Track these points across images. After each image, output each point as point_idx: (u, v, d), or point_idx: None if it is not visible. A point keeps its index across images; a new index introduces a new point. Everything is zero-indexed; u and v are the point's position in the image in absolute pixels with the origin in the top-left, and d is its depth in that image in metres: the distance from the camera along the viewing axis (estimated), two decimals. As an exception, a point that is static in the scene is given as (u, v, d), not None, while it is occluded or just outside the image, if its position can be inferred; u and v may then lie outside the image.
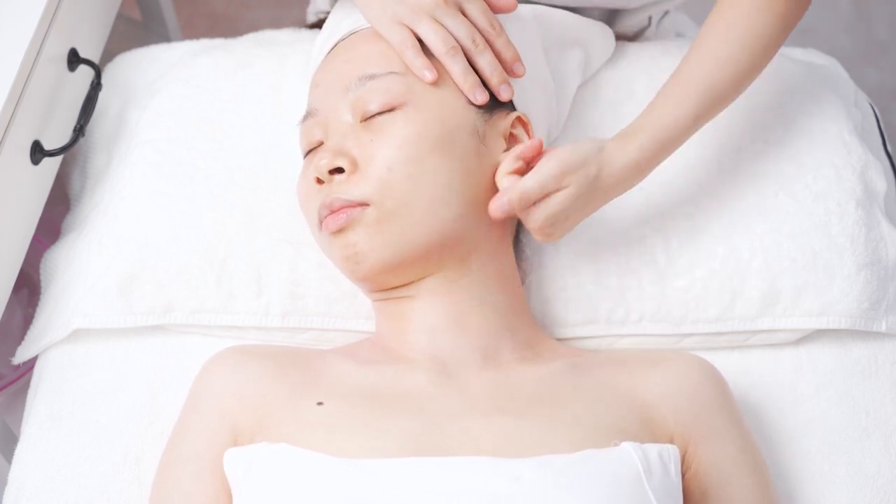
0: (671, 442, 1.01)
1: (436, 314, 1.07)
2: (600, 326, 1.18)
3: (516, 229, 1.16)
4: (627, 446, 0.94)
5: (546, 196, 1.05)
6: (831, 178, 1.21)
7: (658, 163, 1.10)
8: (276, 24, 1.79)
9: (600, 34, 1.29)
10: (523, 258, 1.19)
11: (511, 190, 1.05)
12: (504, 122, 1.11)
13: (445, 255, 1.07)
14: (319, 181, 1.07)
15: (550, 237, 1.08)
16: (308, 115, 1.12)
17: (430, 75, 1.07)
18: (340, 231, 1.05)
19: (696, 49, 1.13)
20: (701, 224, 1.19)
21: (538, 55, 1.19)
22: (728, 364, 1.17)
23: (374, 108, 1.07)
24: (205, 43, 1.42)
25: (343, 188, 1.05)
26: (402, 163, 1.04)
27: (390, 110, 1.07)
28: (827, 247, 1.18)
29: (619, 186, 1.09)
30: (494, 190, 1.08)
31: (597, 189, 1.07)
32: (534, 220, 1.06)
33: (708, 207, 1.20)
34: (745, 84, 1.14)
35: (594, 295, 1.17)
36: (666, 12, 1.41)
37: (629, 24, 1.35)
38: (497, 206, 1.05)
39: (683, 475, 1.01)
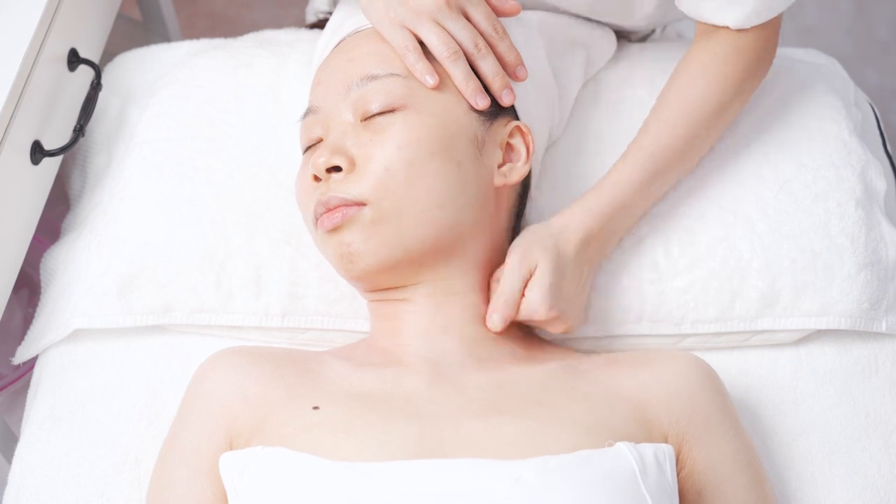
0: (666, 441, 1.01)
1: (430, 318, 1.07)
2: (600, 326, 1.17)
3: (513, 232, 1.15)
4: (623, 446, 0.94)
5: (525, 286, 1.08)
6: (831, 178, 1.21)
7: (622, 224, 1.14)
8: (276, 24, 1.80)
9: (602, 36, 1.29)
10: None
11: (494, 301, 1.07)
12: (503, 130, 1.11)
13: (440, 260, 1.07)
14: (317, 178, 1.07)
15: (567, 323, 1.10)
16: (308, 112, 1.12)
17: (431, 80, 1.07)
18: (336, 229, 1.05)
19: (651, 114, 1.17)
20: (701, 224, 1.19)
21: (541, 59, 1.19)
22: (728, 364, 1.17)
23: (374, 108, 1.07)
24: (205, 43, 1.42)
25: (340, 187, 1.05)
26: (401, 165, 1.04)
27: (391, 111, 1.07)
28: (827, 247, 1.18)
29: (590, 251, 1.12)
30: (489, 197, 1.09)
31: (567, 258, 1.09)
32: (535, 313, 1.08)
33: (708, 207, 1.20)
34: (694, 149, 1.17)
35: (594, 295, 1.17)
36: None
37: (634, 33, 1.35)
38: (494, 323, 1.07)
39: (679, 474, 1.01)
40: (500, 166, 1.10)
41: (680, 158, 1.16)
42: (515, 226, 1.15)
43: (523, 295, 1.08)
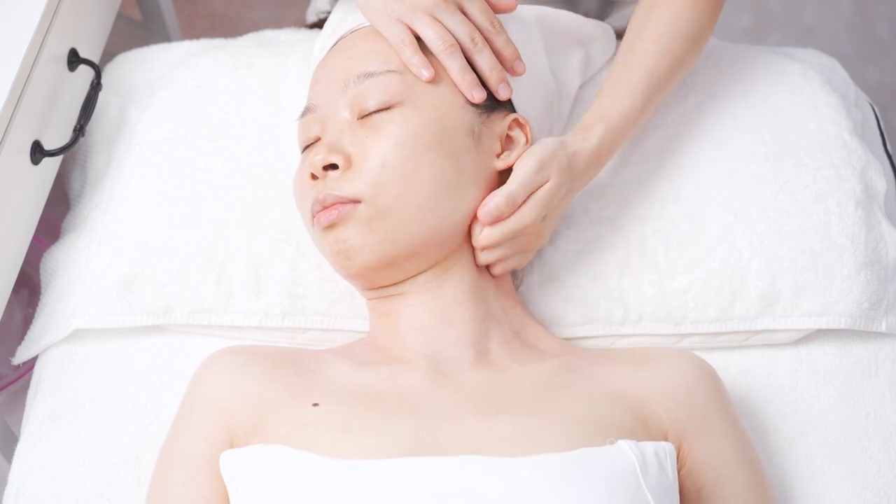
0: (666, 439, 1.01)
1: (427, 311, 1.07)
2: (599, 326, 1.18)
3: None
4: (623, 444, 0.94)
5: (530, 195, 1.08)
6: (831, 178, 1.21)
7: (615, 149, 1.16)
8: (276, 24, 1.80)
9: (602, 34, 1.29)
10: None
11: (497, 194, 1.07)
12: (501, 123, 1.11)
13: (437, 253, 1.07)
14: (314, 176, 1.07)
15: (541, 236, 1.11)
16: (307, 111, 1.12)
17: (427, 73, 1.07)
18: (332, 226, 1.05)
19: (637, 41, 1.18)
20: (701, 224, 1.19)
21: (539, 55, 1.19)
22: (728, 364, 1.17)
23: (371, 105, 1.07)
24: (205, 43, 1.42)
25: (336, 184, 1.05)
26: (397, 160, 1.04)
27: (388, 108, 1.07)
28: (827, 247, 1.18)
29: (585, 175, 1.13)
30: (487, 191, 1.09)
31: (573, 176, 1.10)
32: (526, 217, 1.07)
33: (708, 207, 1.20)
34: (681, 72, 1.21)
35: (593, 295, 1.17)
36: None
37: (624, 19, 1.35)
38: (486, 212, 1.07)
39: (678, 472, 1.01)
40: (498, 155, 1.10)
41: (674, 81, 1.20)
42: None
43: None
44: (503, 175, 1.11)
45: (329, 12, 1.45)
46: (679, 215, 1.20)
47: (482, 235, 1.08)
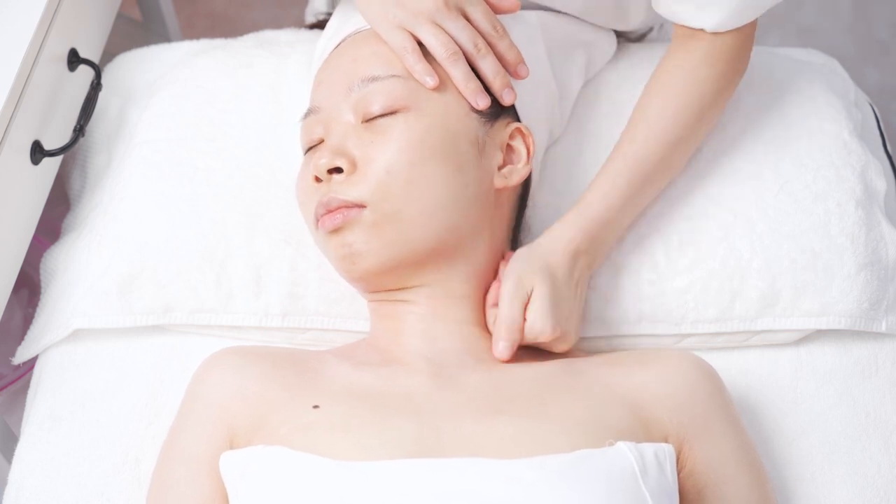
0: (667, 441, 1.01)
1: (432, 321, 1.07)
2: (599, 326, 1.17)
3: (514, 233, 1.15)
4: (623, 446, 0.94)
5: (525, 310, 1.06)
6: (831, 178, 1.21)
7: (612, 238, 1.13)
8: (276, 24, 1.80)
9: (603, 36, 1.29)
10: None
11: (497, 329, 1.06)
12: (503, 132, 1.11)
13: (441, 262, 1.07)
14: (318, 179, 1.07)
15: (568, 339, 1.09)
16: (310, 112, 1.12)
17: (431, 81, 1.07)
18: (336, 231, 1.05)
19: (631, 121, 1.16)
20: (701, 224, 1.19)
21: (542, 58, 1.19)
22: (728, 364, 1.17)
23: (376, 109, 1.07)
24: (205, 43, 1.42)
25: (341, 188, 1.05)
26: (402, 166, 1.04)
27: (392, 113, 1.07)
28: (827, 247, 1.18)
29: (580, 267, 1.11)
30: (490, 199, 1.09)
31: (560, 276, 1.08)
32: (542, 334, 1.06)
33: (707, 207, 1.20)
34: (678, 155, 1.16)
35: (593, 295, 1.17)
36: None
37: (633, 32, 1.35)
38: (500, 351, 1.06)
39: (679, 474, 1.01)
40: (500, 168, 1.10)
41: (664, 166, 1.15)
42: (516, 226, 1.15)
43: (525, 319, 1.07)
44: (502, 193, 1.10)
45: (327, 13, 1.45)
46: (679, 215, 1.20)
47: (497, 354, 1.06)
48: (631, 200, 1.13)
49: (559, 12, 1.24)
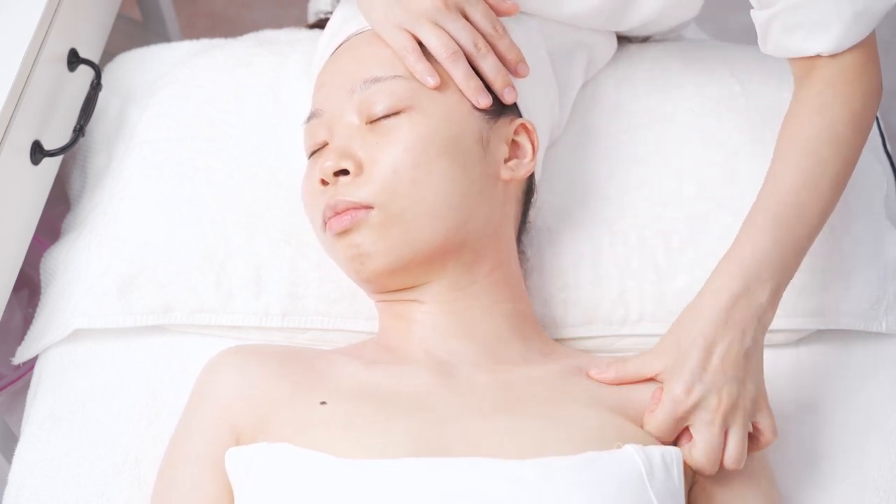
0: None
1: (444, 320, 1.07)
2: (600, 327, 1.17)
3: (519, 228, 1.15)
4: (630, 448, 0.94)
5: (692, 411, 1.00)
6: (831, 178, 1.21)
7: (761, 278, 1.03)
8: (276, 24, 1.80)
9: (604, 37, 1.29)
10: (523, 259, 1.18)
11: (699, 456, 0.99)
12: (508, 128, 1.11)
13: (450, 260, 1.07)
14: (324, 182, 1.07)
15: (745, 408, 1.01)
16: (313, 116, 1.12)
17: (431, 81, 1.07)
18: (345, 232, 1.05)
19: (772, 168, 1.08)
20: (701, 224, 1.19)
21: (542, 57, 1.19)
22: (728, 364, 1.17)
23: (379, 110, 1.07)
24: (205, 43, 1.42)
25: (348, 190, 1.05)
26: (408, 166, 1.04)
27: (396, 113, 1.06)
28: (827, 247, 1.18)
29: (740, 313, 1.02)
30: (496, 195, 1.09)
31: (714, 362, 1.00)
32: (734, 461, 1.00)
33: (708, 207, 1.20)
34: (823, 183, 1.07)
35: (594, 295, 1.17)
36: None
37: (636, 36, 1.35)
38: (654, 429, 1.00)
39: (693, 485, 1.01)
40: (506, 161, 1.10)
41: (807, 196, 1.06)
42: (522, 221, 1.15)
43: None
44: (509, 185, 1.10)
45: (329, 13, 1.45)
46: (679, 215, 1.20)
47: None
48: (780, 255, 1.04)
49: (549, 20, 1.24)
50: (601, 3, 1.12)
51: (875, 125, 1.37)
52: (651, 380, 1.04)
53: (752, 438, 1.02)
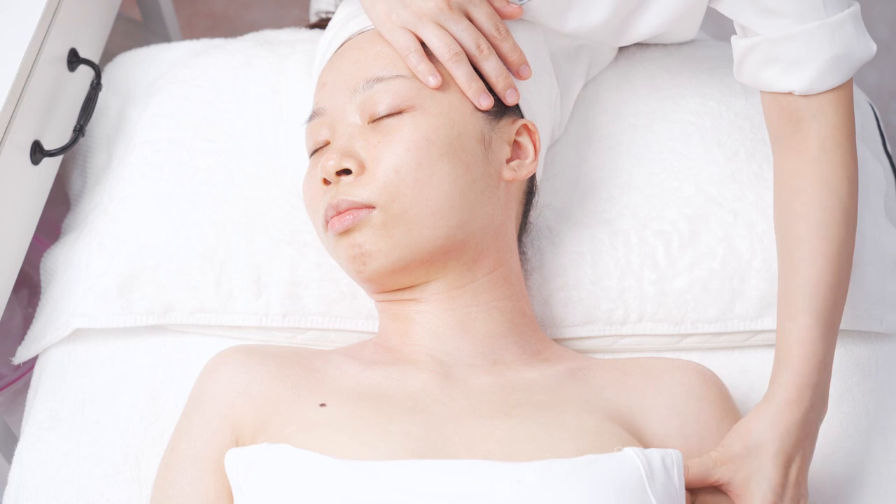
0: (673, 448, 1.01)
1: (442, 319, 1.07)
2: (600, 326, 1.18)
3: (519, 229, 1.16)
4: (630, 451, 0.94)
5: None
6: (831, 178, 1.21)
7: (824, 386, 1.03)
8: (276, 24, 1.80)
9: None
10: (524, 259, 1.19)
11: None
12: (510, 128, 1.11)
13: (451, 260, 1.07)
14: (326, 182, 1.07)
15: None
16: (314, 115, 1.12)
17: (433, 81, 1.07)
18: (346, 232, 1.05)
19: (784, 250, 1.06)
20: (701, 224, 1.19)
21: (544, 59, 1.19)
22: (728, 364, 1.17)
23: (381, 110, 1.07)
24: (205, 43, 1.42)
25: (350, 189, 1.05)
26: (410, 166, 1.04)
27: (398, 113, 1.06)
28: (827, 247, 1.18)
29: (794, 438, 1.01)
30: (497, 195, 1.09)
31: (792, 478, 1.00)
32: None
33: (707, 207, 1.20)
34: (847, 257, 1.05)
35: (594, 295, 1.17)
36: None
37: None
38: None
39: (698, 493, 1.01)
40: (508, 161, 1.10)
41: (840, 277, 1.04)
42: (523, 221, 1.15)
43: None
44: (511, 185, 1.10)
45: (331, 13, 1.45)
46: (679, 215, 1.20)
47: None
48: (828, 335, 1.03)
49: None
50: (601, 22, 1.12)
51: (875, 125, 1.37)
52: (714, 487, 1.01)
53: None
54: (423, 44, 1.08)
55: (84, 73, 1.31)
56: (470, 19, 1.09)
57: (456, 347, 1.06)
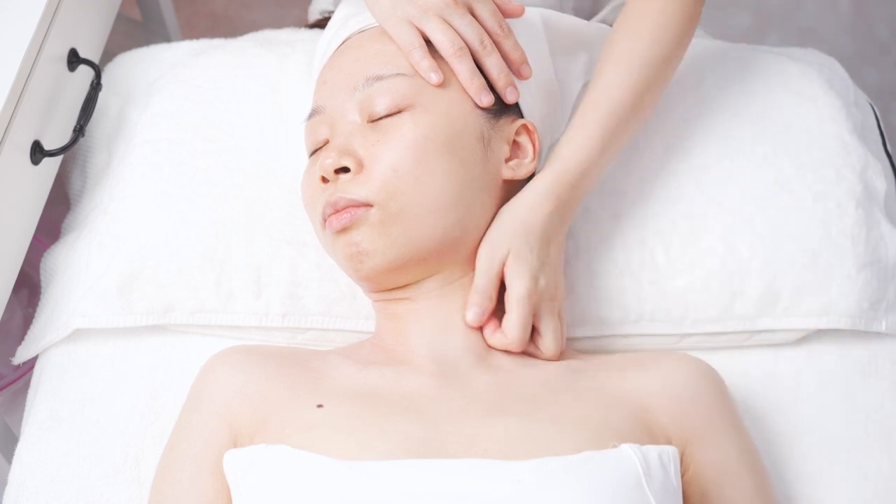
0: (670, 443, 1.01)
1: (435, 316, 1.07)
2: (599, 326, 1.17)
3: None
4: (627, 448, 0.94)
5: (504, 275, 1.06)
6: (831, 178, 1.21)
7: (585, 191, 1.11)
8: (276, 24, 1.80)
9: (605, 38, 1.29)
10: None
11: (470, 296, 1.06)
12: (509, 128, 1.11)
13: (447, 258, 1.07)
14: (324, 180, 1.07)
15: (554, 297, 1.08)
16: (314, 113, 1.12)
17: (435, 77, 1.07)
18: (344, 230, 1.05)
19: (599, 71, 1.14)
20: (701, 224, 1.19)
21: (545, 58, 1.19)
22: (728, 364, 1.17)
23: (381, 109, 1.07)
24: (205, 43, 1.42)
25: (348, 188, 1.05)
26: (409, 165, 1.04)
27: (398, 112, 1.07)
28: (827, 247, 1.18)
29: (556, 224, 1.09)
30: (495, 193, 1.09)
31: (536, 236, 1.07)
32: (520, 295, 1.05)
33: (708, 207, 1.20)
34: (645, 103, 1.15)
35: (593, 295, 1.17)
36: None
37: (618, 11, 1.35)
38: (470, 317, 1.06)
39: (682, 476, 1.01)
40: (507, 160, 1.10)
41: (636, 111, 1.14)
42: None
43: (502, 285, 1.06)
44: (510, 185, 1.10)
45: (331, 12, 1.45)
46: (679, 215, 1.20)
47: (496, 338, 1.06)
48: (605, 151, 1.12)
49: (561, 12, 1.25)
50: None
51: (875, 125, 1.37)
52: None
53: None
54: (426, 42, 1.08)
55: (84, 73, 1.31)
56: (473, 15, 1.10)
57: (448, 345, 1.06)
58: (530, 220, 1.08)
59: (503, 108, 1.11)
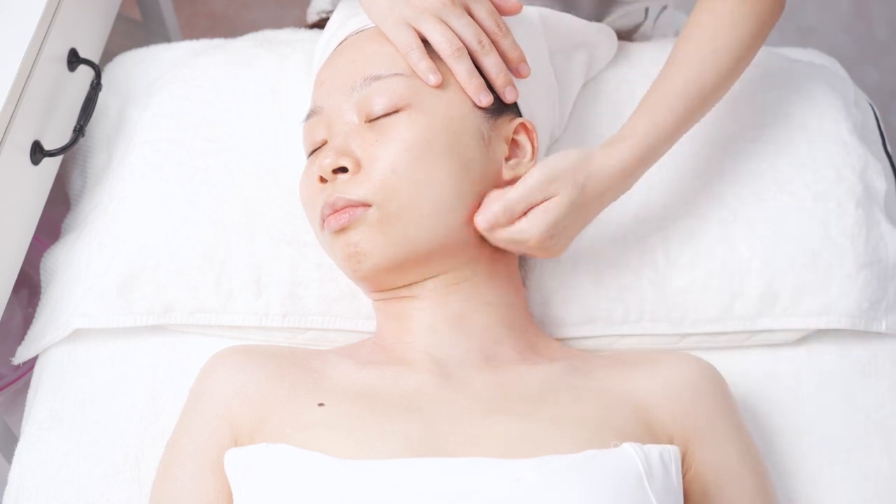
0: (671, 443, 1.01)
1: (437, 316, 1.07)
2: (599, 326, 1.18)
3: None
4: (628, 447, 0.94)
5: (532, 207, 1.05)
6: (831, 178, 1.21)
7: (646, 168, 1.10)
8: (276, 24, 1.80)
9: (605, 38, 1.29)
10: (523, 259, 1.19)
11: (495, 201, 1.05)
12: (508, 127, 1.11)
13: (448, 258, 1.07)
14: (323, 180, 1.07)
15: (549, 251, 1.08)
16: (312, 114, 1.12)
17: (434, 79, 1.07)
18: (342, 230, 1.05)
19: (678, 53, 1.14)
20: (701, 224, 1.19)
21: (543, 57, 1.19)
22: (728, 364, 1.17)
23: (378, 109, 1.07)
24: (205, 43, 1.42)
25: (346, 188, 1.05)
26: (407, 165, 1.04)
27: (395, 112, 1.06)
28: (827, 247, 1.18)
29: (610, 193, 1.09)
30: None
31: (588, 196, 1.06)
32: (527, 238, 1.05)
33: (708, 207, 1.20)
34: (727, 86, 1.15)
35: (593, 294, 1.17)
36: (664, 7, 1.41)
37: (625, 18, 1.35)
38: (483, 219, 1.05)
39: (684, 476, 1.01)
40: (506, 160, 1.10)
41: (718, 95, 1.14)
42: None
43: (525, 213, 1.05)
44: (510, 184, 1.10)
45: (329, 12, 1.45)
46: (679, 215, 1.20)
47: (477, 220, 1.06)
48: (673, 137, 1.11)
49: (561, 11, 1.25)
50: None
51: (875, 125, 1.37)
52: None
53: None
54: (424, 42, 1.08)
55: (84, 73, 1.31)
56: (470, 15, 1.09)
57: (452, 344, 1.06)
58: (591, 182, 1.06)
59: (502, 108, 1.11)
